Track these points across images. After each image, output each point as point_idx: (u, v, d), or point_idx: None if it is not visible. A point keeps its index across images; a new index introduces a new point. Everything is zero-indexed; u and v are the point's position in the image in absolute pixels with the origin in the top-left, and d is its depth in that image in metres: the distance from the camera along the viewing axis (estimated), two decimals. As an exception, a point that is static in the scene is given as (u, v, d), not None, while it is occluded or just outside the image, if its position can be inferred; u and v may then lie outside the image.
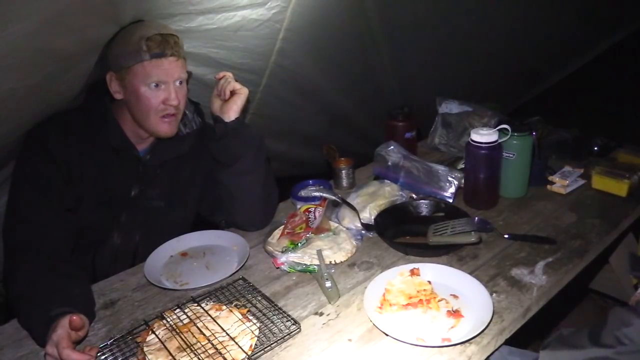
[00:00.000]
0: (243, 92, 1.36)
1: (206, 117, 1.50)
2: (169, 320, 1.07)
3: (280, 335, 1.02)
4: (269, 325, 1.06)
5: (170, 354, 0.97)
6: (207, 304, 1.12)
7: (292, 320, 1.06)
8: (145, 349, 1.00)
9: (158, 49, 1.24)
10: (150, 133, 1.35)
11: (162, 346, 1.00)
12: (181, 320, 1.07)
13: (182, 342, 1.00)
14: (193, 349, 0.98)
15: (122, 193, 1.39)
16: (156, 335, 1.03)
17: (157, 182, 1.42)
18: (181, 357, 0.97)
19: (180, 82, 1.31)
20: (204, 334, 1.01)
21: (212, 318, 1.06)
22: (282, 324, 1.05)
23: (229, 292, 1.18)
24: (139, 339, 1.05)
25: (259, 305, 1.12)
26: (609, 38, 3.10)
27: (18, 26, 0.94)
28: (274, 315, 1.08)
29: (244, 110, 1.39)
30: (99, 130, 1.33)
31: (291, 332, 1.03)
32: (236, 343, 0.98)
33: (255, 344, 1.00)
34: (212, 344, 0.99)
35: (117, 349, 1.03)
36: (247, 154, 1.37)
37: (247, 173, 1.39)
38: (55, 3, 0.97)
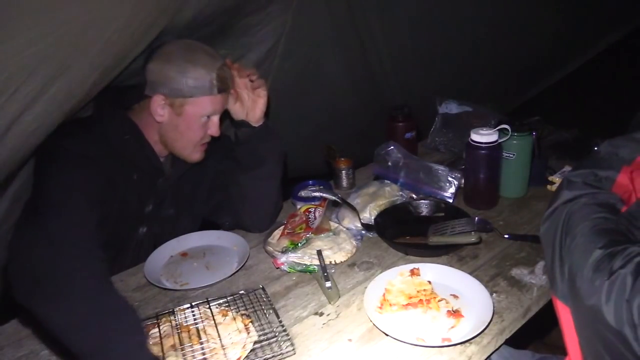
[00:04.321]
0: (263, 95, 1.36)
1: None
2: (178, 317, 1.07)
3: (271, 354, 0.99)
4: (264, 342, 1.01)
5: (162, 351, 0.97)
6: (217, 307, 1.11)
7: (290, 342, 1.01)
8: None
9: (224, 85, 1.26)
10: (180, 157, 1.35)
11: (159, 341, 1.00)
12: (187, 320, 1.07)
13: (177, 342, 1.00)
14: (183, 351, 0.97)
15: (140, 208, 1.37)
16: (159, 330, 1.04)
17: (169, 192, 1.42)
18: (169, 357, 0.96)
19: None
20: (199, 338, 1.01)
21: (215, 323, 1.05)
22: (278, 345, 1.01)
23: (241, 301, 1.14)
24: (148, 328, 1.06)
25: (265, 319, 1.08)
26: (609, 37, 3.10)
27: (33, 49, 0.93)
28: (276, 332, 1.04)
29: (266, 113, 1.39)
30: (121, 148, 1.28)
31: (283, 354, 0.99)
32: (224, 353, 0.97)
33: (244, 358, 0.97)
34: (202, 349, 0.98)
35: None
36: (271, 158, 1.38)
37: (268, 178, 1.40)
38: (67, 27, 0.96)
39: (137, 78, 1.31)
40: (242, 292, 1.17)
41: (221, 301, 1.14)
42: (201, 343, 1.00)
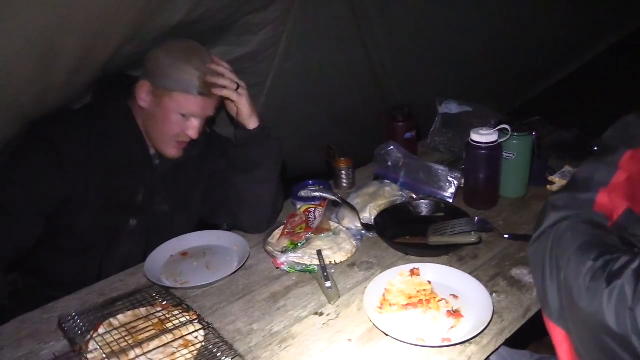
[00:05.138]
0: (241, 105, 1.32)
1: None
2: (170, 312, 1.08)
3: None
4: None
5: (123, 323, 1.04)
6: (198, 336, 1.02)
7: None
8: (135, 310, 1.09)
9: (207, 90, 1.26)
10: (158, 151, 1.37)
11: (139, 318, 1.06)
12: (173, 321, 1.05)
13: (138, 327, 1.03)
14: (122, 335, 1.01)
15: (129, 198, 1.38)
16: (158, 311, 1.07)
17: (161, 187, 1.42)
18: (111, 331, 1.02)
19: (206, 118, 1.33)
20: (146, 339, 1.00)
21: (167, 342, 1.00)
22: None
23: (220, 350, 0.99)
24: (157, 304, 1.11)
25: None
26: (609, 38, 3.10)
27: (22, 32, 0.95)
28: None
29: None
30: (112, 132, 1.31)
31: None
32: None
33: None
34: (122, 347, 0.97)
35: (141, 297, 1.16)
36: (266, 162, 1.38)
37: (263, 181, 1.40)
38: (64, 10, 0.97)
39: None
40: (233, 348, 1.00)
41: (215, 338, 1.03)
42: (134, 344, 0.98)
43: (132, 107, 1.34)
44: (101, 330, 1.03)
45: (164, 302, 1.12)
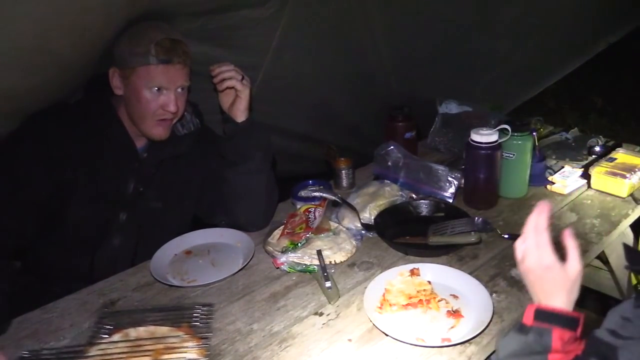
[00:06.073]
0: (243, 95, 1.36)
1: (205, 116, 1.50)
2: (183, 342, 1.02)
3: None
4: None
5: (128, 338, 1.02)
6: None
7: None
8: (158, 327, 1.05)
9: (166, 56, 1.25)
10: (144, 134, 1.36)
11: (147, 334, 1.03)
12: (174, 350, 1.00)
13: (142, 343, 1.00)
14: (123, 350, 0.99)
15: (118, 191, 1.38)
16: (167, 335, 1.03)
17: (154, 183, 1.42)
18: (119, 345, 1.00)
19: (182, 89, 1.32)
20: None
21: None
22: None
23: None
24: (184, 327, 1.07)
25: None
26: (609, 37, 3.09)
27: (16, 25, 0.96)
28: None
29: (250, 108, 1.39)
30: (98, 126, 1.33)
31: None
32: None
33: None
34: None
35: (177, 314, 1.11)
36: (256, 154, 1.39)
37: (255, 173, 1.40)
38: (53, 2, 0.98)
39: None
40: None
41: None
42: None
43: (115, 102, 1.35)
44: (115, 338, 1.01)
45: (191, 327, 1.06)
